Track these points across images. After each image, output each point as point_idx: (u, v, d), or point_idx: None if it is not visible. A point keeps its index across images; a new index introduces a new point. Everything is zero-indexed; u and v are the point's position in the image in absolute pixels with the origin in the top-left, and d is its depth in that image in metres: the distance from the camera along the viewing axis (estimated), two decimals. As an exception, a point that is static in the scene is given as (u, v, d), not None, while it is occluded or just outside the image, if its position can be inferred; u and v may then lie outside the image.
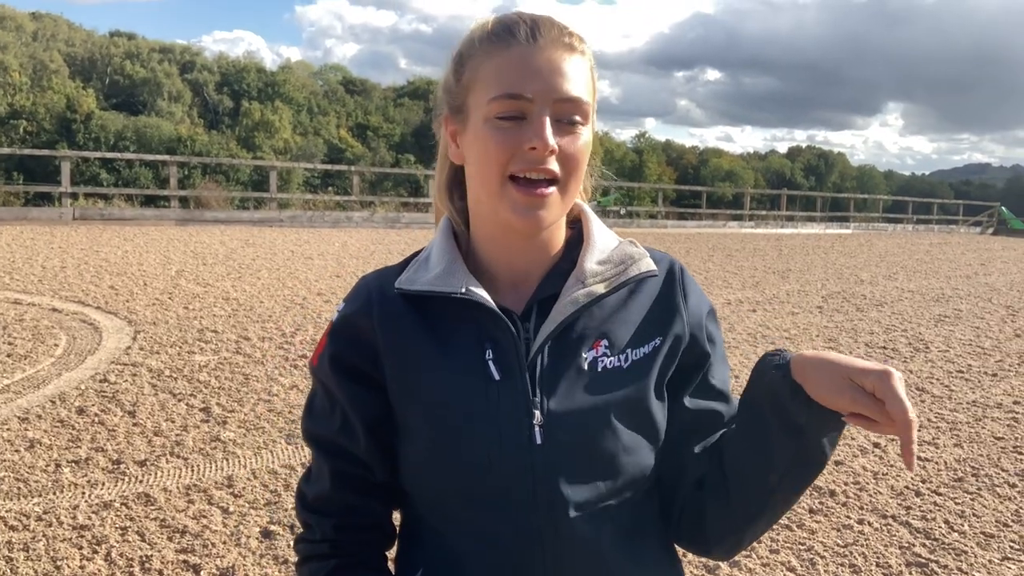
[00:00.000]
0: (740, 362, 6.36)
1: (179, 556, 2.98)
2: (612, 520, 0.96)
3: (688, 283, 1.04)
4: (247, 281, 9.26)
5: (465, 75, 0.94)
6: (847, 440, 4.58)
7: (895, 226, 30.13)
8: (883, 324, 8.47)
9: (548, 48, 0.91)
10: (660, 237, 19.59)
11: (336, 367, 0.99)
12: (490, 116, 0.91)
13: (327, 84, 67.72)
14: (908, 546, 3.31)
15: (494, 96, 0.90)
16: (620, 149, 68.19)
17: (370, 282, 1.02)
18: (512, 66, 0.90)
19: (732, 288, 10.75)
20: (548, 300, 0.97)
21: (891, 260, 16.35)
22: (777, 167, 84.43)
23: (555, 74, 0.90)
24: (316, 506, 1.02)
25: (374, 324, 0.98)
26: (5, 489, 3.46)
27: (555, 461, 0.93)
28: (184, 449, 3.99)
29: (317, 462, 1.03)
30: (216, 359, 5.70)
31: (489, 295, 0.95)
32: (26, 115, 44.21)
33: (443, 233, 1.02)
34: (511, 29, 0.92)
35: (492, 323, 0.95)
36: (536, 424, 0.93)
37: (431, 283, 0.96)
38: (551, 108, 0.90)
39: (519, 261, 0.99)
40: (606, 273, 0.98)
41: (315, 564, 1.02)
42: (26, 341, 5.93)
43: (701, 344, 1.03)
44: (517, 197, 0.91)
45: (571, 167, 0.92)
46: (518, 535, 0.94)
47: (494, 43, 0.92)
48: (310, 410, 1.04)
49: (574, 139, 0.92)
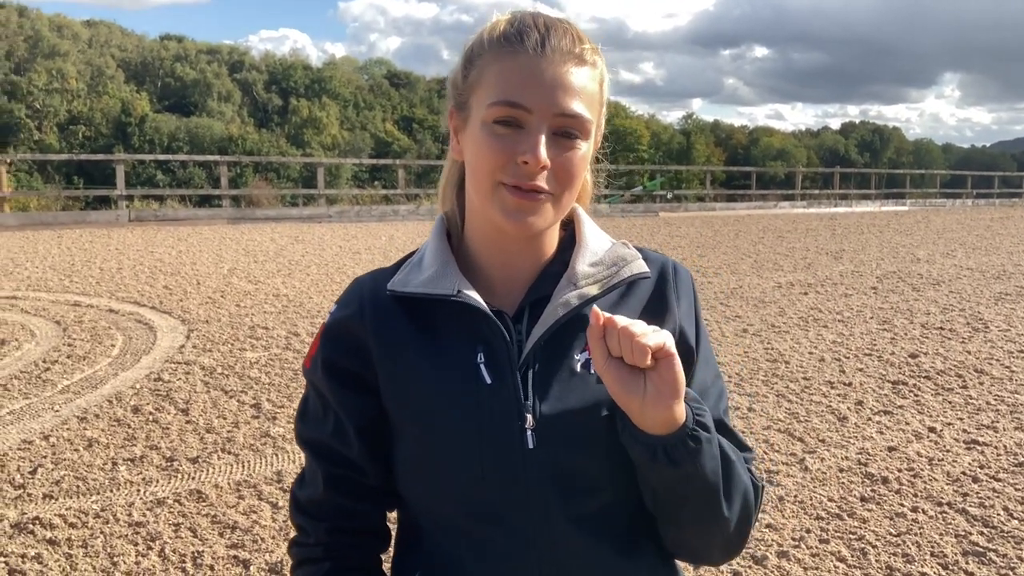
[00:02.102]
0: (791, 347, 6.25)
1: (229, 551, 3.05)
2: (607, 526, 0.95)
3: (681, 283, 1.03)
4: (297, 277, 9.40)
5: (472, 74, 0.94)
6: (901, 425, 4.47)
7: (954, 201, 29.25)
8: (940, 304, 8.23)
9: (556, 60, 0.89)
10: (708, 220, 19.32)
11: (329, 371, 1.00)
12: (488, 120, 0.90)
13: (372, 78, 68.28)
14: (965, 534, 3.22)
15: (494, 101, 0.89)
16: (667, 132, 67.45)
17: (363, 284, 1.02)
18: (516, 74, 0.89)
19: (783, 271, 10.56)
20: (540, 302, 0.97)
21: (949, 237, 15.87)
22: (830, 144, 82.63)
23: (559, 88, 0.89)
24: (309, 510, 1.03)
25: (366, 327, 0.98)
26: (65, 487, 3.58)
27: (548, 465, 0.92)
28: (235, 445, 4.08)
29: (310, 466, 1.03)
30: (267, 355, 5.80)
31: (481, 296, 0.95)
32: (84, 120, 45.57)
33: (436, 234, 1.02)
34: (522, 35, 0.91)
35: (484, 325, 0.95)
36: (528, 428, 0.92)
37: (423, 285, 0.96)
38: (550, 122, 0.89)
39: (512, 261, 0.99)
40: (598, 275, 0.97)
41: (309, 568, 1.02)
42: (85, 342, 6.12)
43: (688, 341, 1.01)
44: (508, 200, 0.90)
45: (565, 182, 0.91)
46: (512, 541, 0.93)
47: (503, 47, 0.91)
48: (303, 414, 1.04)
49: (571, 154, 0.91)
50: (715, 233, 16.00)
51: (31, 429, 4.29)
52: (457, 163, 1.03)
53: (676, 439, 0.86)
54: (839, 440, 4.24)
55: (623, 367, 0.83)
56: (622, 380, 0.84)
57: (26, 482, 3.63)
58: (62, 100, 45.78)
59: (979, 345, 6.39)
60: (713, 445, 0.89)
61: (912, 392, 5.11)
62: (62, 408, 4.63)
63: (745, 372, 5.54)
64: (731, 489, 0.93)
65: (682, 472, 0.87)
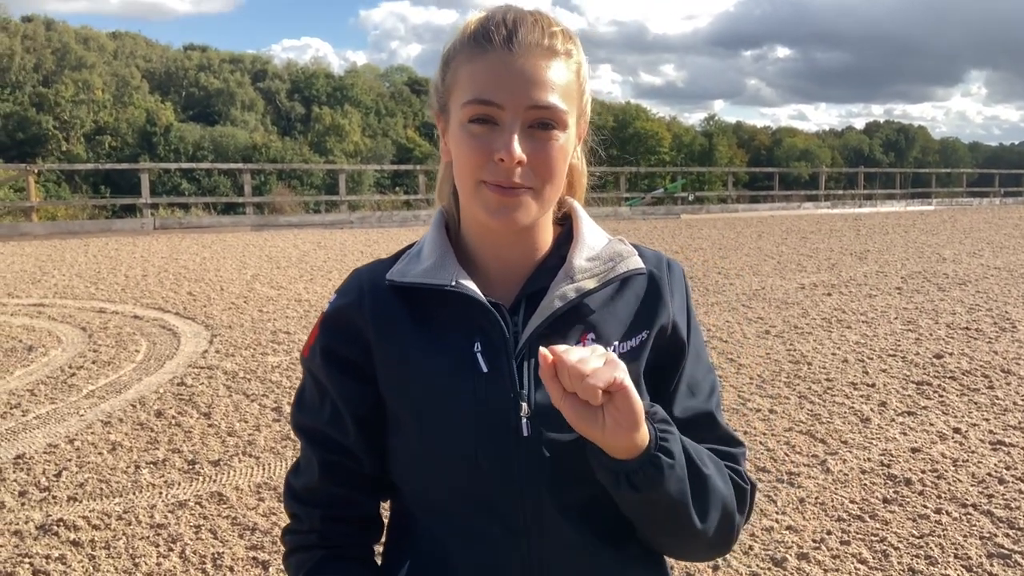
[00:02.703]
0: (813, 348, 6.19)
1: (249, 553, 3.07)
2: (597, 516, 0.96)
3: (674, 278, 1.04)
4: (319, 283, 9.47)
5: (448, 76, 0.96)
6: (925, 426, 4.42)
7: (981, 200, 28.85)
8: (966, 304, 8.11)
9: (524, 54, 0.90)
10: (730, 222, 19.21)
11: (327, 359, 1.01)
12: (464, 120, 0.92)
13: (393, 85, 68.62)
14: (989, 536, 3.16)
15: (467, 100, 0.91)
16: (689, 134, 67.04)
17: (362, 274, 1.04)
18: (486, 72, 0.91)
19: (806, 272, 10.47)
20: (537, 294, 0.98)
21: (976, 236, 15.65)
22: (855, 144, 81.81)
23: (529, 82, 0.90)
24: (304, 497, 1.04)
25: (365, 316, 0.99)
26: (89, 490, 3.63)
27: (542, 453, 0.94)
28: (256, 448, 4.11)
29: (306, 453, 1.04)
30: (288, 359, 5.85)
31: (479, 288, 0.96)
32: (110, 130, 46.21)
33: (435, 226, 1.03)
34: (489, 33, 0.92)
35: (481, 316, 0.96)
36: (523, 416, 0.93)
37: (422, 275, 0.97)
38: (523, 116, 0.90)
39: (506, 255, 1.00)
40: (595, 269, 0.98)
41: (302, 555, 1.04)
42: (110, 348, 6.20)
43: (680, 334, 1.02)
44: (490, 197, 0.92)
45: (544, 175, 0.92)
46: (504, 529, 0.95)
47: (472, 48, 0.93)
48: (300, 402, 1.06)
49: (548, 146, 0.91)
50: (737, 235, 15.90)
51: (56, 433, 4.35)
52: (449, 162, 1.05)
53: (637, 465, 0.86)
54: (862, 441, 4.19)
55: (579, 401, 0.83)
56: (579, 415, 0.84)
57: (51, 485, 3.68)
58: (88, 111, 46.46)
59: (1006, 345, 6.29)
60: (677, 468, 0.89)
61: (937, 393, 5.04)
62: (87, 412, 4.69)
63: (767, 374, 5.49)
64: (705, 505, 0.93)
65: (644, 496, 0.88)
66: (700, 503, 0.92)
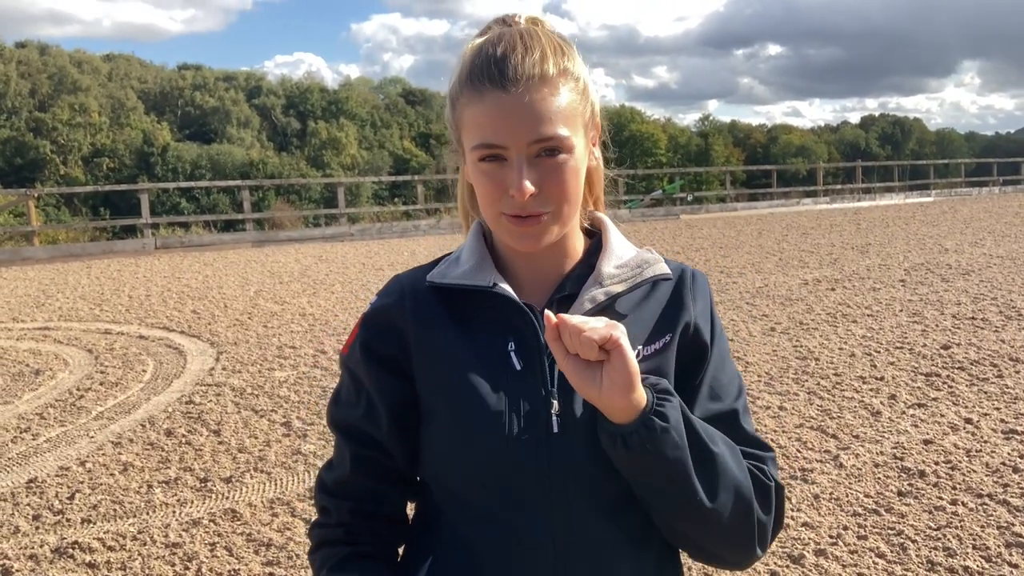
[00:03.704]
0: (820, 344, 6.19)
1: (265, 569, 3.07)
2: (622, 513, 0.98)
3: (698, 287, 1.08)
4: (322, 296, 9.47)
5: (455, 115, 0.99)
6: (936, 418, 4.41)
7: (980, 190, 28.83)
8: (971, 293, 8.10)
9: (519, 90, 0.92)
10: (730, 221, 19.20)
11: (367, 354, 1.04)
12: (475, 161, 0.96)
13: (387, 97, 68.81)
14: (1007, 526, 3.15)
15: (473, 146, 0.95)
16: (684, 135, 67.16)
17: (403, 278, 1.08)
18: (485, 116, 0.93)
19: (809, 267, 10.46)
20: (567, 299, 1.02)
21: (977, 225, 15.64)
22: (851, 138, 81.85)
23: (527, 119, 0.92)
24: (335, 490, 1.06)
25: (406, 315, 1.03)
26: (103, 511, 3.62)
27: (570, 450, 0.96)
28: (267, 464, 4.11)
29: (339, 448, 1.07)
30: (295, 374, 5.85)
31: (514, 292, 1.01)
32: (107, 152, 46.34)
33: (474, 233, 1.08)
34: (482, 74, 0.93)
35: (516, 316, 1.00)
36: (554, 414, 0.96)
37: (461, 277, 1.02)
38: (526, 151, 0.93)
39: (538, 266, 1.05)
40: (623, 275, 1.02)
41: (328, 550, 1.05)
42: (116, 369, 6.21)
43: (702, 337, 1.04)
44: (511, 228, 0.96)
45: (558, 198, 0.96)
46: (530, 525, 0.96)
47: (472, 88, 0.95)
48: (337, 398, 1.09)
49: (558, 170, 0.94)
50: (738, 233, 15.89)
51: (68, 455, 4.35)
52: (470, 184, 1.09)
53: (632, 427, 0.90)
54: (873, 435, 4.18)
55: (579, 362, 0.88)
56: (579, 373, 0.88)
57: (64, 507, 3.68)
58: (85, 134, 46.60)
59: (1013, 333, 6.28)
60: (673, 433, 0.90)
61: (946, 384, 5.04)
62: (97, 434, 4.69)
63: (775, 371, 5.49)
64: (713, 481, 0.93)
65: (637, 457, 0.90)
66: (707, 478, 0.93)
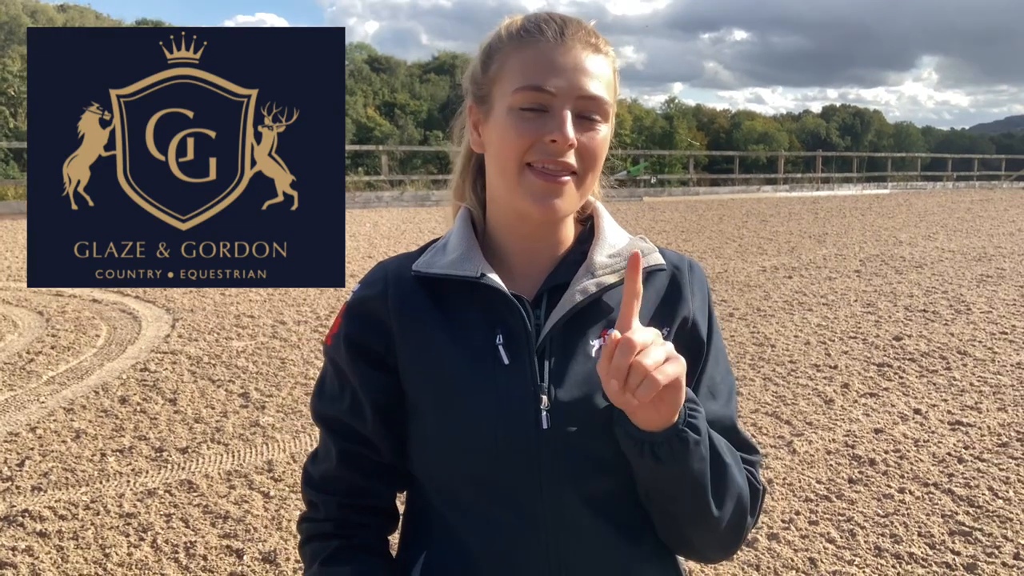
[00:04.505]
0: (776, 331, 6.30)
1: (222, 541, 3.04)
2: (614, 509, 0.98)
3: (696, 279, 1.06)
4: (281, 265, 9.34)
5: (492, 67, 0.98)
6: (887, 407, 4.53)
7: (934, 184, 29.48)
8: (923, 286, 8.31)
9: (574, 47, 0.95)
10: (692, 205, 19.37)
11: (350, 347, 1.02)
12: (514, 106, 0.94)
13: (352, 63, 67.67)
14: (951, 514, 3.26)
15: (519, 87, 0.94)
16: (650, 116, 67.28)
17: (387, 266, 1.06)
18: (538, 61, 0.94)
19: (767, 255, 10.62)
20: (558, 289, 1.00)
21: (931, 220, 16.01)
22: (812, 127, 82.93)
23: (579, 72, 0.94)
24: (322, 485, 1.05)
25: (389, 306, 1.00)
26: (54, 479, 3.56)
27: (560, 445, 0.95)
28: (224, 435, 4.06)
29: (325, 442, 1.05)
30: (253, 344, 5.78)
31: (502, 281, 0.98)
32: (60, 108, 44.93)
33: (462, 220, 1.05)
34: (540, 27, 0.96)
35: (504, 308, 0.98)
36: (543, 408, 0.95)
37: (448, 267, 0.99)
38: (572, 104, 0.93)
39: (532, 249, 1.02)
40: (616, 265, 1.00)
41: (317, 544, 1.04)
42: (69, 333, 6.07)
43: (699, 334, 1.03)
44: (535, 183, 0.94)
45: (589, 162, 0.96)
46: (521, 520, 0.96)
47: (523, 38, 0.96)
48: (320, 390, 1.06)
49: (593, 135, 0.95)
50: (699, 217, 16.05)
51: (17, 421, 4.25)
52: (473, 157, 1.07)
53: (663, 437, 0.88)
54: (826, 423, 4.28)
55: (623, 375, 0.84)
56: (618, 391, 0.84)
57: (14, 475, 3.60)
58: (38, 87, 45.10)
59: (962, 327, 6.46)
60: (702, 447, 0.91)
61: (897, 374, 5.17)
62: (48, 399, 4.59)
63: (732, 356, 5.57)
64: (722, 491, 0.94)
65: (666, 470, 0.90)
66: (718, 489, 0.94)
